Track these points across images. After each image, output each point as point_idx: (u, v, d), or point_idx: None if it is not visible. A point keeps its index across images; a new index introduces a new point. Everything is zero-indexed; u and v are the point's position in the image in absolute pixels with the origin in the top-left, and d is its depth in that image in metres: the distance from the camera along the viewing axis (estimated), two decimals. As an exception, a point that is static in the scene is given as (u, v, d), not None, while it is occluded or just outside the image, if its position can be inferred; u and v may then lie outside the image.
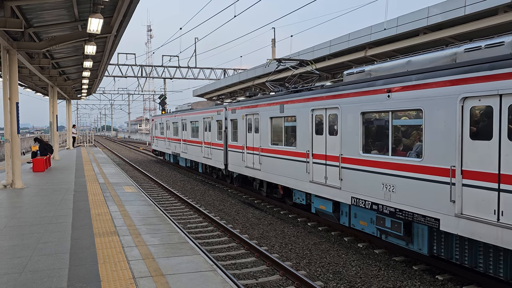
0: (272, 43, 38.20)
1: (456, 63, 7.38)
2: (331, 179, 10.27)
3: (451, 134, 7.02)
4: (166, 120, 28.87)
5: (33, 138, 29.11)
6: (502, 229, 6.16)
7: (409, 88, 7.88)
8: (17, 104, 13.26)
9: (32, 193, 12.31)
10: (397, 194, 8.18)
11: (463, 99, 6.82)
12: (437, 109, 7.29)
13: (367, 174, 8.97)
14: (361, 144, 9.23)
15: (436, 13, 14.88)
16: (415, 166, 7.75)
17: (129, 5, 10.36)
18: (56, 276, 5.57)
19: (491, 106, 6.42)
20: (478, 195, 6.59)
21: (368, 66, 9.89)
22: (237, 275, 7.98)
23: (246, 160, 15.52)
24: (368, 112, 9.00)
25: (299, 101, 11.69)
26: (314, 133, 11.03)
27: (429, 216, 7.45)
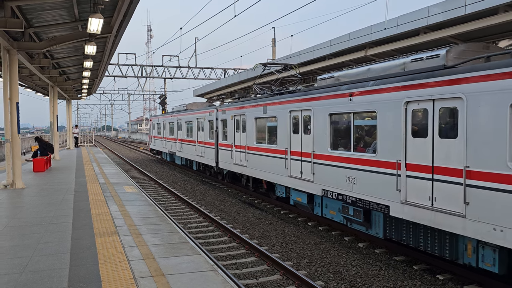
0: (272, 43, 38.21)
1: (404, 71, 8.54)
2: (305, 173, 11.39)
3: (397, 132, 8.14)
4: (163, 120, 29.87)
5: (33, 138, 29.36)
6: (435, 212, 7.31)
7: (367, 92, 9.02)
8: (17, 104, 13.26)
9: (32, 193, 12.31)
10: (358, 185, 9.29)
11: (406, 103, 7.97)
12: (387, 111, 8.41)
13: (334, 169, 10.14)
14: (329, 142, 10.39)
15: (437, 13, 14.87)
16: (371, 160, 8.89)
17: (129, 5, 10.36)
18: (57, 276, 5.57)
19: (426, 109, 7.56)
20: (418, 185, 7.71)
21: (337, 72, 11.02)
22: (237, 275, 7.98)
23: (234, 158, 16.58)
24: (335, 113, 10.19)
25: (279, 103, 12.85)
26: (292, 132, 12.12)
27: (382, 204, 8.58)
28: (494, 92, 6.37)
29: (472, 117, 6.72)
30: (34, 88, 28.66)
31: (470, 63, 7.26)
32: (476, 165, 6.62)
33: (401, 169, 8.02)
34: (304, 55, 24.18)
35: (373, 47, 19.37)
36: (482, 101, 6.54)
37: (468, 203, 6.72)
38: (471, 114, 6.73)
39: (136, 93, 67.72)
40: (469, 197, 6.73)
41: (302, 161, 11.55)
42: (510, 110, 6.15)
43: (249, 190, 16.57)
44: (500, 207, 6.23)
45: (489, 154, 6.41)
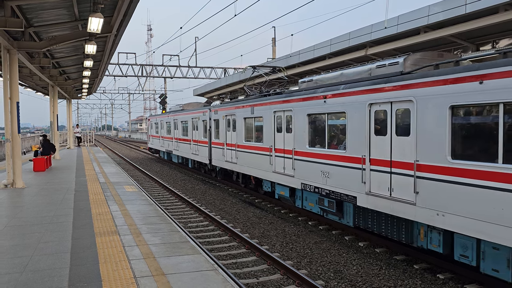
0: (272, 42, 38.22)
1: (370, 76, 9.50)
2: (287, 169, 12.41)
3: (363, 131, 9.14)
4: (160, 120, 30.91)
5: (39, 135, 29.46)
6: (393, 201, 8.31)
7: (338, 95, 10.00)
8: (17, 104, 13.26)
9: (33, 193, 12.31)
10: (331, 179, 10.30)
11: (370, 105, 8.94)
12: (355, 112, 9.38)
13: (311, 164, 11.12)
14: (308, 140, 11.38)
15: (437, 12, 14.85)
16: (342, 156, 9.89)
17: (129, 4, 10.35)
18: (57, 276, 5.57)
19: (386, 110, 8.54)
20: (379, 177, 8.71)
21: (316, 76, 11.99)
22: (238, 274, 7.98)
23: (226, 155, 17.54)
24: (312, 114, 11.14)
25: (265, 104, 13.84)
26: (276, 131, 13.14)
27: (351, 195, 9.56)
28: (437, 95, 7.36)
29: (420, 118, 7.70)
30: (34, 87, 28.66)
31: (423, 70, 8.16)
32: (424, 159, 7.60)
33: (366, 163, 9.08)
34: (304, 54, 24.16)
35: (373, 46, 19.35)
36: (428, 103, 7.53)
37: (418, 193, 7.74)
38: (420, 115, 7.72)
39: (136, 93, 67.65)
40: (418, 187, 7.73)
41: (284, 158, 12.57)
42: (449, 111, 7.13)
43: (249, 190, 16.58)
44: (441, 195, 7.28)
45: (434, 149, 7.39)
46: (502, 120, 6.31)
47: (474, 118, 6.95)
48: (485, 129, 6.67)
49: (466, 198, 6.83)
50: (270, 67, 18.28)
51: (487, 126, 6.65)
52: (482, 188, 6.59)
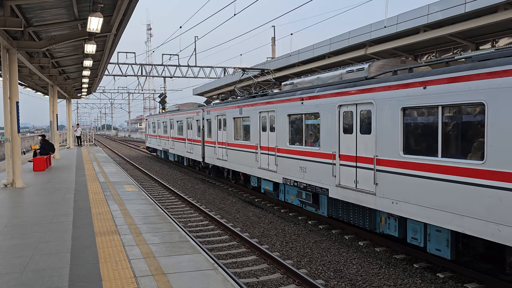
0: (272, 42, 38.21)
1: (341, 80, 10.53)
2: (271, 165, 13.35)
3: (333, 129, 10.17)
4: (157, 120, 32.04)
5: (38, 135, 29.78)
6: (358, 192, 9.28)
7: (313, 97, 11.01)
8: (17, 104, 13.25)
9: (32, 193, 12.31)
10: (308, 173, 11.32)
11: (339, 106, 9.91)
12: (327, 113, 10.44)
13: (291, 160, 12.15)
14: (288, 138, 12.37)
15: (436, 11, 14.86)
16: (316, 152, 10.92)
17: (128, 3, 10.33)
18: (57, 276, 5.57)
19: (352, 111, 9.50)
20: (347, 171, 9.72)
21: (296, 80, 13.08)
22: (238, 274, 7.98)
23: (217, 153, 18.51)
24: (292, 114, 12.15)
25: (252, 105, 14.71)
26: (261, 130, 14.07)
27: (324, 188, 10.58)
28: (392, 98, 8.34)
29: (379, 118, 8.67)
30: (34, 87, 28.63)
31: (382, 76, 9.04)
32: (382, 154, 8.62)
33: (336, 159, 10.14)
34: (304, 53, 24.17)
35: (373, 45, 19.37)
36: (385, 105, 8.50)
37: (377, 184, 8.73)
38: (378, 116, 8.69)
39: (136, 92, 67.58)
40: (377, 179, 8.73)
41: (268, 155, 13.59)
42: (401, 112, 8.11)
43: (248, 189, 16.60)
44: (395, 186, 8.25)
45: (390, 146, 8.40)
46: (441, 120, 7.36)
47: (420, 118, 7.99)
48: (428, 127, 7.69)
49: (415, 188, 7.82)
50: (259, 69, 19.84)
51: (430, 125, 7.64)
52: (426, 179, 7.56)
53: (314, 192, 11.24)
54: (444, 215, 7.20)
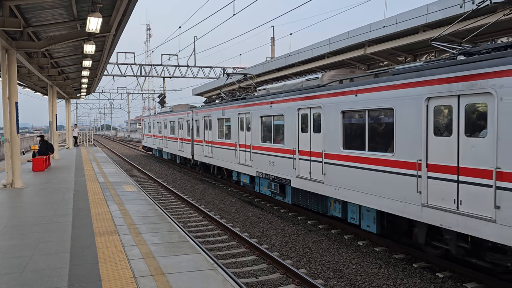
0: (271, 42, 38.22)
1: (302, 87, 12.18)
2: (247, 160, 15.05)
3: (294, 129, 11.87)
4: (152, 120, 33.78)
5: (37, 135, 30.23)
6: (312, 182, 11.12)
7: (279, 102, 12.79)
8: (16, 104, 13.24)
9: (32, 193, 12.30)
10: (275, 167, 13.07)
11: (298, 109, 11.74)
12: (289, 115, 12.16)
13: (263, 156, 13.89)
14: (261, 137, 14.09)
15: (435, 10, 14.86)
16: (281, 149, 12.69)
17: (127, 4, 10.33)
18: (57, 276, 5.57)
19: (307, 113, 11.38)
20: (304, 164, 11.49)
21: (268, 86, 14.90)
22: (237, 274, 7.98)
23: (204, 151, 20.25)
24: (263, 116, 13.88)
25: (232, 107, 16.48)
26: (240, 129, 15.77)
27: (287, 179, 12.36)
28: (334, 103, 10.16)
29: (326, 119, 10.46)
30: (33, 87, 28.62)
31: (329, 85, 10.78)
32: (328, 149, 10.45)
33: (296, 154, 11.89)
34: (303, 53, 24.15)
35: (372, 45, 19.35)
36: (330, 109, 10.33)
37: (325, 174, 10.55)
38: (325, 117, 10.52)
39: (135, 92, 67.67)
40: (325, 170, 10.57)
41: (245, 152, 15.26)
42: (341, 115, 9.95)
43: (249, 190, 16.60)
44: (337, 175, 10.10)
45: (333, 142, 10.27)
46: (367, 122, 9.17)
47: (353, 120, 9.73)
48: (359, 127, 9.48)
49: (350, 176, 9.64)
50: (242, 74, 21.84)
51: (360, 125, 9.42)
52: (358, 169, 9.38)
53: (280, 183, 13.05)
54: (370, 197, 9.03)
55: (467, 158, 6.88)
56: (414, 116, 7.87)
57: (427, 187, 7.60)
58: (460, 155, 7.00)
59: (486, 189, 6.55)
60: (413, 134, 7.89)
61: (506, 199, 6.23)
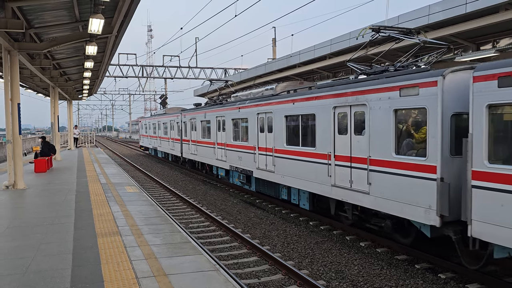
0: (272, 43, 38.23)
1: (262, 96, 15.10)
2: (223, 156, 17.85)
3: (255, 129, 14.63)
4: (148, 122, 36.64)
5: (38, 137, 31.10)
6: (268, 172, 13.73)
7: (244, 107, 15.51)
8: (18, 105, 13.27)
9: (34, 194, 12.33)
10: (242, 161, 15.73)
11: (257, 114, 14.36)
12: (251, 118, 14.86)
13: (234, 152, 16.61)
14: (232, 136, 16.84)
15: (437, 11, 14.84)
16: (246, 146, 15.42)
17: (129, 5, 10.36)
18: (59, 277, 5.58)
19: (263, 117, 14.00)
20: (262, 158, 14.20)
21: (240, 93, 18.03)
22: (239, 275, 7.98)
23: (191, 149, 22.95)
24: (234, 118, 16.62)
25: (212, 111, 19.26)
26: (217, 130, 18.49)
27: (251, 170, 15.07)
28: (280, 109, 12.86)
29: (275, 121, 13.18)
30: (35, 88, 28.69)
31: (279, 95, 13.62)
32: (276, 145, 13.18)
33: (256, 150, 14.62)
34: (305, 54, 24.15)
35: (373, 46, 19.33)
36: (278, 114, 13.01)
37: (275, 165, 13.26)
38: (275, 120, 13.20)
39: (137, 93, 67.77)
40: (275, 162, 13.29)
41: (221, 149, 18.03)
42: (284, 118, 12.64)
43: (248, 190, 16.61)
44: (283, 165, 12.81)
45: (280, 140, 12.97)
46: (300, 124, 11.91)
47: (292, 122, 12.38)
48: (296, 128, 12.24)
49: (292, 166, 12.32)
50: (224, 80, 25.49)
51: (296, 126, 12.18)
52: (295, 160, 12.12)
53: (246, 174, 15.66)
54: (304, 182, 11.69)
55: (355, 150, 9.59)
56: (327, 120, 10.56)
57: (334, 172, 10.32)
58: (352, 148, 9.72)
59: (364, 172, 9.26)
60: (327, 133, 10.61)
61: (373, 177, 9.04)
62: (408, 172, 8.17)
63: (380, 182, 8.82)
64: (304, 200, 12.23)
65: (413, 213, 8.08)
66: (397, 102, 8.45)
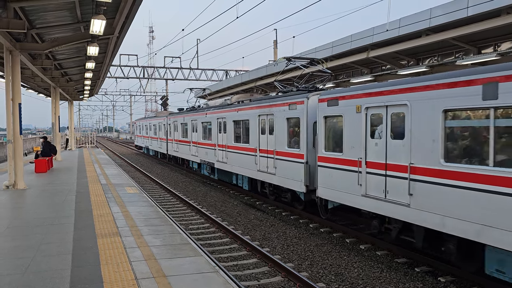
0: (274, 44, 38.26)
1: (221, 104, 18.93)
2: (196, 152, 22.15)
3: (216, 130, 18.62)
4: (142, 123, 41.49)
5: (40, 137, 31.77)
6: (223, 163, 17.75)
7: (209, 113, 19.63)
8: (19, 105, 13.29)
9: (34, 194, 12.33)
10: (208, 156, 19.89)
11: (217, 118, 18.36)
12: (214, 121, 18.84)
13: (203, 148, 20.77)
14: (202, 136, 21.01)
15: (439, 15, 14.85)
16: (210, 143, 19.51)
17: (131, 6, 10.37)
18: (59, 277, 5.58)
19: (221, 122, 18.01)
20: (220, 152, 18.00)
21: (210, 102, 22.64)
22: (239, 277, 7.97)
23: (173, 147, 27.57)
24: (203, 122, 20.74)
25: (187, 115, 23.80)
26: (192, 131, 22.86)
27: (213, 162, 19.13)
28: (231, 116, 16.82)
29: (228, 125, 17.15)
30: (36, 89, 28.72)
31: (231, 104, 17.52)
32: (228, 143, 17.15)
33: (216, 146, 18.60)
34: (310, 54, 24.15)
35: (375, 49, 19.36)
36: (229, 119, 17.03)
37: (227, 158, 17.34)
38: (227, 124, 17.22)
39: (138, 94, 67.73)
40: (227, 155, 17.35)
41: (195, 147, 22.37)
42: (232, 123, 16.57)
43: (249, 192, 16.63)
44: (232, 158, 16.68)
45: (230, 138, 16.79)
46: (242, 127, 15.54)
47: (237, 126, 16.42)
48: (239, 130, 16.15)
49: (237, 158, 16.35)
50: (202, 89, 32.46)
51: (239, 129, 16.15)
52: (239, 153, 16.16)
53: (211, 166, 19.59)
54: (244, 170, 15.72)
55: (270, 144, 13.83)
56: (255, 124, 14.72)
57: (259, 161, 14.55)
58: (268, 143, 13.99)
59: (272, 160, 13.79)
60: (255, 133, 14.80)
61: (277, 164, 13.51)
62: (293, 159, 12.43)
63: (280, 166, 13.16)
64: (245, 183, 16.25)
65: (295, 185, 12.38)
66: (287, 113, 12.70)
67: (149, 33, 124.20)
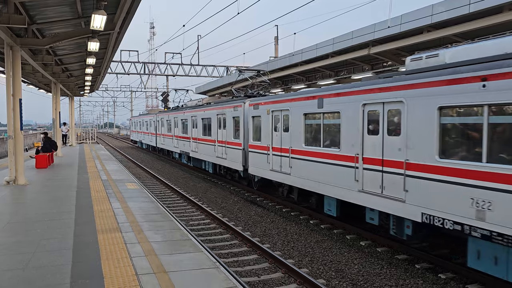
0: (275, 41, 38.16)
1: (196, 105, 23.30)
2: (177, 144, 26.03)
3: (190, 126, 23.15)
4: (136, 120, 46.50)
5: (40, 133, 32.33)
6: (195, 152, 22.26)
7: (187, 112, 23.78)
8: (20, 101, 13.27)
9: (35, 190, 12.33)
10: (186, 146, 23.93)
11: (191, 116, 22.81)
12: (189, 119, 23.31)
13: (182, 141, 24.61)
14: (181, 130, 24.85)
15: (441, 11, 14.80)
16: (187, 137, 23.86)
17: (132, 1, 10.34)
18: (59, 273, 5.58)
19: (194, 119, 22.45)
20: (194, 144, 22.46)
21: (189, 102, 26.31)
22: (239, 273, 7.98)
23: (161, 141, 31.65)
24: (182, 119, 24.56)
25: (171, 114, 28.06)
26: (174, 126, 26.95)
27: (188, 152, 23.42)
28: (200, 114, 21.23)
29: (198, 122, 21.65)
30: (37, 84, 28.67)
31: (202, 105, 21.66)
32: (198, 136, 21.68)
33: (191, 139, 22.66)
34: (307, 53, 24.13)
35: (376, 45, 19.31)
36: (199, 117, 21.41)
37: (197, 147, 21.78)
38: (198, 121, 21.64)
39: (139, 90, 67.76)
40: (198, 146, 21.87)
41: (176, 140, 26.28)
42: (201, 120, 21.14)
43: (250, 188, 16.63)
44: (200, 148, 21.39)
45: (200, 132, 21.44)
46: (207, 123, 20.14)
47: (206, 122, 20.26)
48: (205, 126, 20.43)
49: (205, 148, 20.43)
50: (185, 89, 34.04)
51: (205, 125, 20.42)
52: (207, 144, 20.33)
53: (188, 155, 23.52)
54: (210, 157, 19.62)
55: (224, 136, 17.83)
56: (215, 121, 18.82)
57: (216, 149, 18.61)
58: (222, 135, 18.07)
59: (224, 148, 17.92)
60: (215, 128, 18.58)
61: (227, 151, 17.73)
62: (236, 147, 16.69)
63: (229, 152, 17.36)
64: (209, 168, 20.47)
65: (237, 166, 16.63)
66: (233, 113, 16.91)
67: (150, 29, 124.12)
